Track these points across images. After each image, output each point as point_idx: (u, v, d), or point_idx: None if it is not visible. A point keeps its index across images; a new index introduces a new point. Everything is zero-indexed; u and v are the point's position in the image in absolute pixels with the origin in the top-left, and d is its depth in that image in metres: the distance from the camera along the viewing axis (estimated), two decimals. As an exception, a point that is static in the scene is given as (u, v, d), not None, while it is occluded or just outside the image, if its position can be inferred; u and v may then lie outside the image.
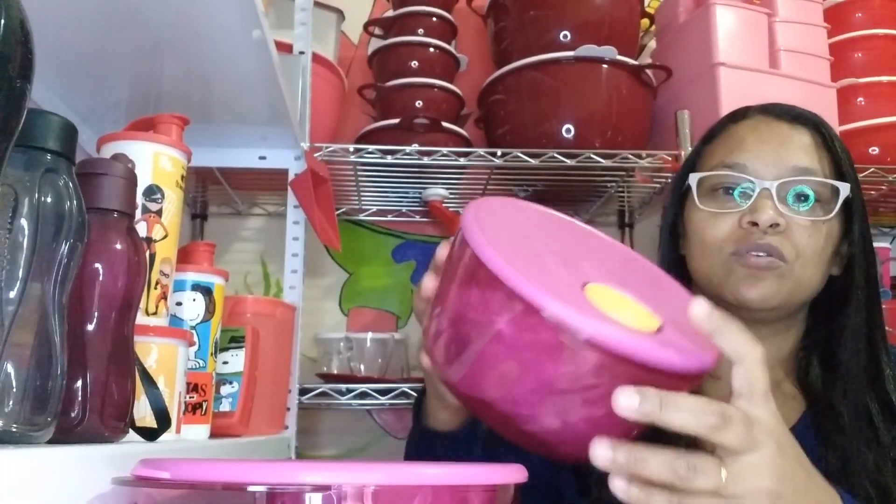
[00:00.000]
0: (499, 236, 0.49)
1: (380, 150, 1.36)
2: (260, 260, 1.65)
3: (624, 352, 0.44)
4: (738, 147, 0.79)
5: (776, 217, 0.73)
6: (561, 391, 0.46)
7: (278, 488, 0.36)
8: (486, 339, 0.48)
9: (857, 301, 0.76)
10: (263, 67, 0.96)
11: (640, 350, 0.44)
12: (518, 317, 0.46)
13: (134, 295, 0.52)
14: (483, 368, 0.49)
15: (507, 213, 0.56)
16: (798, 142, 0.77)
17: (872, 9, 1.53)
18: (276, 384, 1.11)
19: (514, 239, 0.52)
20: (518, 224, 0.56)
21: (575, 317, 0.44)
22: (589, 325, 0.44)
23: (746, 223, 0.74)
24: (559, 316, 0.44)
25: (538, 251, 0.52)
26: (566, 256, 0.54)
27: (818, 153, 0.77)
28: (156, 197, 0.69)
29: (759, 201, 0.74)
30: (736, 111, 0.84)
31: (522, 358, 0.46)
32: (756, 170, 0.76)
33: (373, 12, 1.76)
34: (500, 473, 0.41)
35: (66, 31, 0.84)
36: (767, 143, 0.77)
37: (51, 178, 0.42)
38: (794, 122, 0.79)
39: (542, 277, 0.46)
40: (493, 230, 0.50)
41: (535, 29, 1.42)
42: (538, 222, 0.59)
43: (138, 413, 0.59)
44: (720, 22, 1.38)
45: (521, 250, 0.50)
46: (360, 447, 1.59)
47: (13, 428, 0.38)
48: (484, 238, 0.48)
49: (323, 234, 1.23)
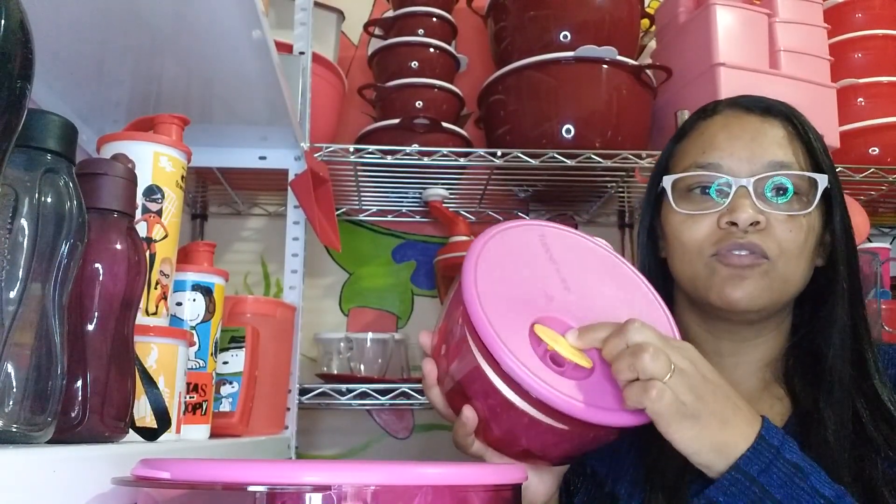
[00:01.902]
0: (489, 286, 0.57)
1: (380, 150, 1.36)
2: (260, 260, 1.65)
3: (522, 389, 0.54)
4: (709, 145, 0.76)
5: (755, 215, 0.71)
6: (517, 430, 0.57)
7: (278, 488, 0.36)
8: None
9: (841, 293, 0.74)
10: (263, 67, 0.96)
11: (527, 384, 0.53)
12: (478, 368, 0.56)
13: (134, 295, 0.52)
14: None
15: (514, 242, 0.63)
16: (771, 135, 0.75)
17: (872, 9, 1.53)
18: (276, 384, 1.11)
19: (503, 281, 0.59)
20: (519, 255, 0.62)
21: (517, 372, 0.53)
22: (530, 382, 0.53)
23: (725, 223, 0.73)
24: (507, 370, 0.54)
25: (522, 289, 0.60)
26: (554, 291, 0.61)
27: (792, 145, 0.75)
28: (156, 197, 0.69)
29: (736, 200, 0.72)
30: (705, 107, 0.82)
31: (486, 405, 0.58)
32: (730, 167, 0.74)
33: (373, 12, 1.76)
34: (501, 473, 0.41)
35: (66, 31, 0.84)
36: (739, 139, 0.75)
37: (51, 178, 0.41)
38: (765, 115, 0.77)
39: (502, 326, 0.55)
40: (486, 278, 0.58)
41: (535, 29, 1.42)
42: (550, 248, 0.64)
43: (138, 413, 0.59)
44: (720, 22, 1.38)
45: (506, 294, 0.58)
46: (360, 447, 1.59)
47: (13, 428, 0.38)
48: (477, 302, 0.56)
49: (323, 235, 1.23)
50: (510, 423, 0.57)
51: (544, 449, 0.59)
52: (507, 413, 0.56)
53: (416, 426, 1.62)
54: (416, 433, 1.62)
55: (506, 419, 0.57)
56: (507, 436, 0.59)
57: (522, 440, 0.58)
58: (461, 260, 0.60)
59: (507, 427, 0.57)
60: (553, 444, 0.58)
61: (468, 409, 0.58)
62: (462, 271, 0.58)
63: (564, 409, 0.53)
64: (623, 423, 0.55)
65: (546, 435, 0.56)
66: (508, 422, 0.57)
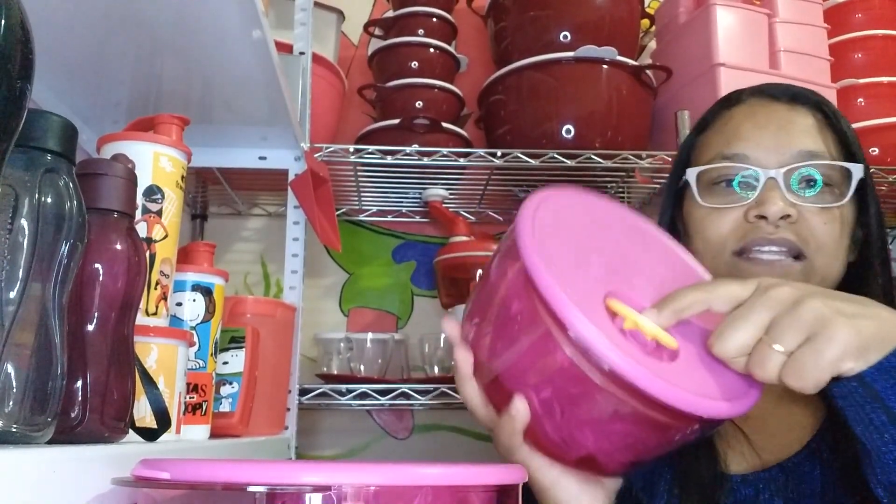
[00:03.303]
0: (549, 246, 0.49)
1: (380, 150, 1.36)
2: (260, 260, 1.65)
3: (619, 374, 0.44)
4: (734, 136, 0.72)
5: (786, 208, 0.67)
6: (582, 412, 0.48)
7: (278, 488, 0.36)
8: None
9: (876, 291, 0.69)
10: (263, 67, 0.96)
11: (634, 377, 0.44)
12: (544, 334, 0.47)
13: (134, 295, 0.51)
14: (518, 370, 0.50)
15: (564, 212, 0.55)
16: (800, 124, 0.71)
17: (872, 9, 1.53)
18: (276, 384, 1.11)
19: (564, 244, 0.51)
20: (572, 224, 0.55)
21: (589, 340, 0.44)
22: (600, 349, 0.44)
23: (754, 217, 0.68)
24: (580, 339, 0.45)
25: (584, 259, 0.52)
26: (612, 265, 0.53)
27: (822, 134, 0.71)
28: (156, 197, 0.69)
29: (765, 193, 0.68)
30: (729, 95, 0.78)
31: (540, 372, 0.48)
32: (758, 158, 0.70)
33: (373, 12, 1.76)
34: (501, 473, 0.41)
35: (66, 31, 0.84)
36: (766, 129, 0.71)
37: (51, 179, 0.41)
38: (792, 103, 0.73)
39: (575, 294, 0.46)
40: (545, 234, 0.50)
41: (535, 29, 1.42)
42: (597, 220, 0.57)
43: (138, 413, 0.59)
44: (720, 22, 1.38)
45: (568, 261, 0.50)
46: (360, 447, 1.59)
47: (13, 428, 0.38)
48: (537, 258, 0.47)
49: (323, 235, 1.23)
50: (580, 415, 0.47)
51: (612, 452, 0.49)
52: (579, 403, 0.46)
53: (416, 426, 1.62)
54: (416, 433, 1.62)
55: (575, 411, 0.47)
56: (570, 433, 0.49)
57: (590, 439, 0.48)
58: (461, 260, 0.56)
59: (572, 422, 0.48)
60: (625, 446, 0.48)
61: (520, 401, 0.49)
62: (518, 232, 0.49)
63: (665, 397, 0.43)
64: (731, 412, 0.46)
65: (625, 434, 0.47)
66: (578, 414, 0.47)
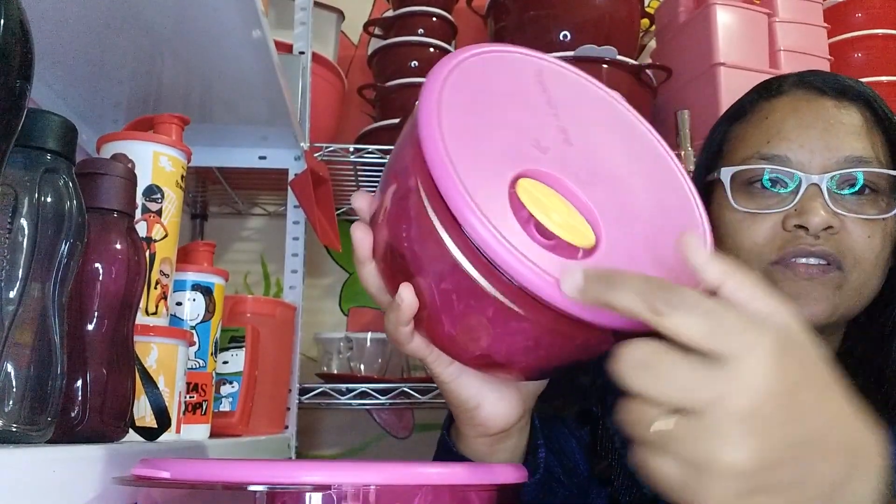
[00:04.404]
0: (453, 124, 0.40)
1: (380, 150, 1.36)
2: (260, 260, 1.65)
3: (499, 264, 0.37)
4: (776, 134, 0.65)
5: (829, 219, 0.61)
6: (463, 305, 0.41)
7: (278, 488, 0.36)
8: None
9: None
10: (263, 67, 0.96)
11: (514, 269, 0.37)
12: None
13: (134, 295, 0.51)
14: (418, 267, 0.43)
15: (501, 73, 0.46)
16: (848, 124, 0.64)
17: (872, 9, 1.53)
18: (276, 384, 1.11)
19: (471, 115, 0.42)
20: (508, 90, 0.45)
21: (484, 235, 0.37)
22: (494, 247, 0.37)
23: (793, 226, 0.62)
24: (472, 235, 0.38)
25: (505, 133, 0.43)
26: (530, 134, 0.43)
27: (871, 136, 0.64)
28: (156, 197, 0.69)
29: (806, 201, 0.62)
30: (769, 83, 0.70)
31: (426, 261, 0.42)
32: (800, 162, 0.64)
33: (373, 12, 1.76)
34: (500, 473, 0.41)
35: (66, 31, 0.84)
36: (812, 128, 0.64)
37: (51, 178, 0.41)
38: (840, 98, 0.66)
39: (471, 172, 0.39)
40: (452, 107, 0.41)
41: (535, 29, 1.42)
42: (552, 89, 0.47)
43: (138, 413, 0.59)
44: (720, 22, 1.38)
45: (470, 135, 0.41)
46: (360, 447, 1.59)
47: (13, 428, 0.38)
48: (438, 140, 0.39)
49: (323, 235, 1.23)
50: (467, 312, 0.41)
51: (510, 355, 0.43)
52: (464, 298, 0.41)
53: (416, 426, 1.62)
54: (416, 433, 1.62)
55: (462, 307, 0.41)
56: (460, 331, 0.43)
57: (482, 339, 0.42)
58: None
59: (462, 319, 0.42)
60: (524, 349, 0.42)
61: (405, 289, 0.42)
62: (421, 98, 0.41)
63: (550, 297, 0.37)
64: (626, 323, 0.38)
65: (516, 335, 0.41)
66: (465, 311, 0.41)
